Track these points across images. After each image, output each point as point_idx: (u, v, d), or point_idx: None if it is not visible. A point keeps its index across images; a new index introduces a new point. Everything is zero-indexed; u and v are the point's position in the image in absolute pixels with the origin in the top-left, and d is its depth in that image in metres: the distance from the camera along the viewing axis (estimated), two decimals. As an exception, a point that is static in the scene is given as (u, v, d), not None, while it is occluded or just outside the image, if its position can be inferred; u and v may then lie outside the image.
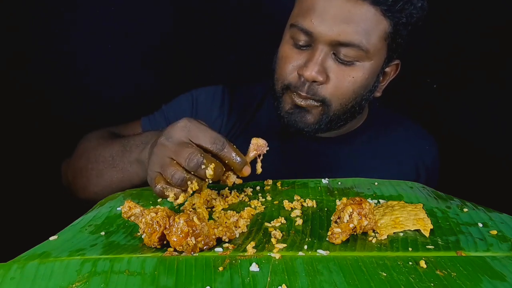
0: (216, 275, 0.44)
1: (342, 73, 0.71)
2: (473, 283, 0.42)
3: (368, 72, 0.73)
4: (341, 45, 0.69)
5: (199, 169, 0.55)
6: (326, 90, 0.72)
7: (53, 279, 0.44)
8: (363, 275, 0.44)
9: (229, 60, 1.22)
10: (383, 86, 0.81)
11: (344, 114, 0.77)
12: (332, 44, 0.69)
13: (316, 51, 0.70)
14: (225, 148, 0.57)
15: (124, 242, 0.52)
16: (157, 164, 0.58)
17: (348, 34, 0.68)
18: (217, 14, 1.22)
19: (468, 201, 0.62)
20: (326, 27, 0.68)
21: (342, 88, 0.72)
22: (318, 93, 0.72)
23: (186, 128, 0.57)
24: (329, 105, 0.74)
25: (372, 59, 0.72)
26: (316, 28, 0.69)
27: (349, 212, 0.50)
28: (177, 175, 0.56)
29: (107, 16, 1.18)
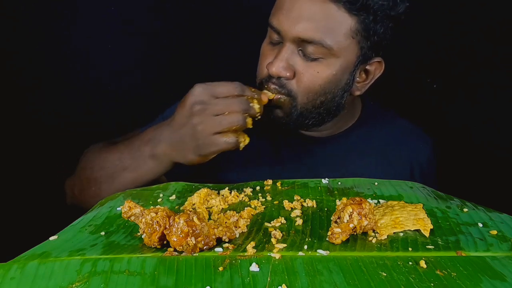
0: (216, 275, 0.44)
1: (308, 68, 0.73)
2: (473, 283, 0.42)
3: (336, 69, 0.73)
4: (305, 42, 0.71)
5: (250, 109, 0.67)
6: (292, 85, 0.74)
7: (53, 279, 0.44)
8: (363, 275, 0.44)
9: (229, 60, 1.22)
10: (367, 84, 0.81)
11: (316, 109, 0.77)
12: (296, 41, 0.72)
13: (283, 47, 0.73)
14: (245, 89, 0.67)
15: (124, 242, 0.52)
16: (209, 127, 0.65)
17: (309, 32, 0.70)
18: (217, 14, 1.22)
19: (468, 201, 0.62)
20: (289, 25, 0.71)
21: (307, 82, 0.73)
22: (284, 86, 0.74)
23: (204, 89, 0.66)
24: (295, 97, 0.75)
25: (339, 56, 0.72)
26: (282, 26, 0.72)
27: (349, 212, 0.50)
28: (237, 117, 0.65)
29: (107, 16, 1.18)
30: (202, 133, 0.65)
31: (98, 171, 0.77)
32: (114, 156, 0.76)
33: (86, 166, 0.81)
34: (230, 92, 0.65)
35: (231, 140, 0.65)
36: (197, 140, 0.66)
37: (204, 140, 0.65)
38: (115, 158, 0.76)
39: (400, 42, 0.89)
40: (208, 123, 0.65)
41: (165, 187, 0.70)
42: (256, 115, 0.68)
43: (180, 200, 0.64)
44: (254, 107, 0.67)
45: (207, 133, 0.65)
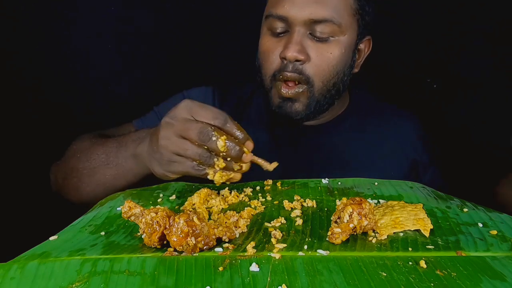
0: (216, 275, 0.44)
1: (321, 50, 0.76)
2: (473, 283, 0.42)
3: (344, 46, 0.77)
4: (316, 23, 0.74)
5: (210, 142, 0.56)
6: (309, 68, 0.76)
7: (53, 279, 0.44)
8: (363, 275, 0.44)
9: (229, 60, 1.22)
10: (360, 62, 0.86)
11: (328, 93, 0.80)
12: (307, 24, 0.75)
13: (294, 33, 0.75)
14: (227, 123, 0.58)
15: (124, 242, 0.52)
16: (171, 146, 0.59)
17: (320, 11, 0.74)
18: (217, 14, 1.22)
19: (468, 201, 0.62)
20: (298, 9, 0.74)
21: (323, 65, 0.76)
22: (303, 71, 0.76)
23: (188, 107, 0.59)
24: (312, 84, 0.77)
25: (346, 33, 0.77)
26: (290, 12, 0.74)
27: (349, 212, 0.50)
28: (196, 151, 0.57)
29: (107, 16, 1.18)
30: (165, 149, 0.60)
31: (83, 161, 0.76)
32: (101, 150, 0.75)
33: (72, 156, 0.79)
34: (208, 120, 0.58)
35: (199, 167, 0.59)
36: (161, 154, 0.61)
37: (167, 156, 0.60)
38: (102, 151, 0.74)
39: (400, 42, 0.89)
40: (171, 141, 0.59)
41: (165, 187, 0.70)
42: (221, 154, 0.57)
43: (180, 200, 0.64)
44: (217, 142, 0.56)
45: (169, 150, 0.59)
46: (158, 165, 0.63)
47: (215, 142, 0.56)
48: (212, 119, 0.58)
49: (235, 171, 0.59)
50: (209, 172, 0.59)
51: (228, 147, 0.57)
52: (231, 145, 0.57)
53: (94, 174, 0.74)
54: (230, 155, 0.57)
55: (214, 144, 0.56)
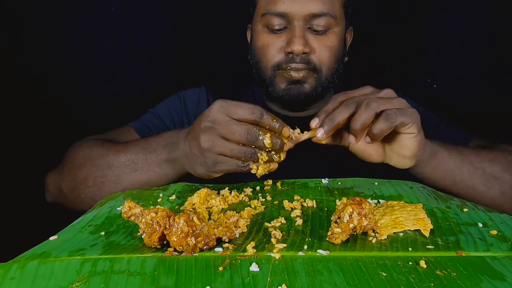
0: (216, 275, 0.44)
1: (321, 42, 0.82)
2: (473, 283, 0.42)
3: (339, 36, 0.84)
4: (314, 17, 0.79)
5: (258, 141, 0.59)
6: (315, 58, 0.82)
7: (53, 279, 0.44)
8: (363, 275, 0.44)
9: (229, 60, 1.22)
10: (346, 51, 0.91)
11: (332, 78, 0.86)
12: (307, 19, 0.79)
13: (295, 28, 0.80)
14: (264, 116, 0.60)
15: (124, 242, 0.52)
16: (216, 148, 0.61)
17: (319, 6, 0.79)
18: (217, 14, 1.22)
19: (468, 201, 0.62)
20: (298, 5, 0.79)
21: (326, 55, 0.82)
22: (309, 61, 0.82)
23: (223, 108, 0.61)
24: (319, 71, 0.83)
25: (339, 25, 0.83)
26: (290, 8, 0.79)
27: (349, 212, 0.50)
28: (242, 150, 0.60)
29: (107, 16, 1.18)
30: (209, 152, 0.62)
31: (101, 169, 0.73)
32: (124, 156, 0.73)
33: (83, 164, 0.75)
34: (246, 116, 0.60)
35: (244, 164, 0.61)
36: (205, 157, 0.63)
37: (212, 158, 0.62)
38: (126, 158, 0.73)
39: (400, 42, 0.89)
40: (214, 143, 0.61)
41: (165, 187, 0.70)
42: (266, 149, 0.60)
43: (180, 200, 0.64)
44: (264, 141, 0.59)
45: (213, 152, 0.62)
46: (202, 167, 0.65)
47: (262, 141, 0.59)
48: (249, 114, 0.60)
49: (274, 161, 0.62)
50: (253, 167, 0.62)
51: (274, 143, 0.60)
52: (276, 141, 0.60)
53: (120, 182, 0.72)
54: (275, 149, 0.61)
55: (261, 143, 0.60)
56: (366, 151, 0.68)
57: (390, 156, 0.68)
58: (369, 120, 0.61)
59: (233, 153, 0.61)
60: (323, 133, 0.62)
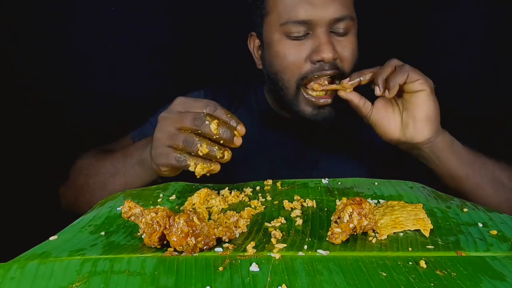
0: (216, 275, 0.44)
1: (344, 44, 0.79)
2: (473, 283, 0.42)
3: (355, 37, 0.82)
4: (337, 21, 0.77)
5: (204, 126, 0.59)
6: (340, 63, 0.79)
7: (53, 279, 0.44)
8: (363, 275, 0.44)
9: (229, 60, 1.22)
10: None
11: None
12: (330, 24, 0.77)
13: (320, 34, 0.77)
14: (217, 109, 0.60)
15: (124, 242, 0.52)
16: (164, 137, 0.62)
17: (341, 10, 0.77)
18: (217, 14, 1.22)
19: (468, 201, 0.62)
20: (322, 11, 0.76)
21: (350, 57, 0.80)
22: (337, 66, 0.79)
23: (181, 101, 0.63)
24: (344, 75, 0.79)
25: (355, 25, 0.81)
26: (314, 15, 0.76)
27: (349, 212, 0.50)
28: (187, 138, 0.59)
29: (107, 16, 1.18)
30: (158, 142, 0.62)
31: (92, 177, 0.78)
32: (108, 163, 0.77)
33: (80, 173, 0.81)
34: (201, 107, 0.61)
35: (181, 158, 0.60)
36: (156, 148, 0.63)
37: (160, 149, 0.62)
38: (109, 164, 0.77)
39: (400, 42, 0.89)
40: (163, 133, 0.62)
41: (165, 187, 0.70)
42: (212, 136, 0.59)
43: (180, 200, 0.64)
44: (210, 126, 0.58)
45: (161, 143, 0.62)
46: (153, 160, 0.65)
47: (208, 126, 0.59)
48: (204, 107, 0.60)
49: (217, 158, 0.60)
50: (190, 164, 0.60)
51: (220, 130, 0.59)
52: (223, 129, 0.59)
53: (105, 187, 0.76)
54: (222, 138, 0.59)
55: (207, 128, 0.59)
56: (384, 118, 0.72)
57: (407, 123, 0.71)
58: (388, 73, 0.69)
59: (175, 141, 0.60)
60: (349, 80, 0.72)
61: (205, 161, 0.60)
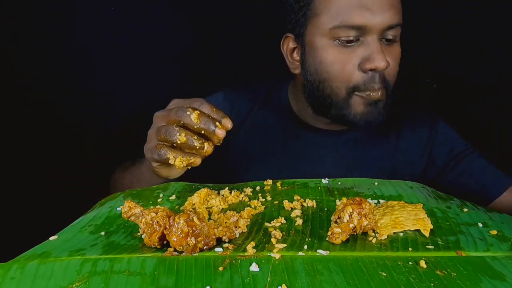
0: (216, 275, 0.44)
1: (392, 53, 0.77)
2: (473, 283, 0.42)
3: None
4: (389, 28, 0.74)
5: (185, 116, 0.60)
6: (387, 73, 0.76)
7: (53, 279, 0.44)
8: (363, 275, 0.44)
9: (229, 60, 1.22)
10: None
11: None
12: (382, 31, 0.73)
13: (373, 41, 0.74)
14: (203, 104, 0.62)
15: (124, 242, 0.52)
16: (153, 133, 0.64)
17: (396, 16, 0.74)
18: (217, 14, 1.22)
19: (468, 201, 0.62)
20: (378, 17, 0.72)
21: (396, 67, 0.78)
22: (384, 77, 0.76)
23: (174, 102, 0.65)
24: (389, 88, 0.77)
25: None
26: (369, 21, 0.72)
27: (349, 212, 0.50)
28: (169, 129, 0.60)
29: (107, 16, 1.18)
30: (149, 138, 0.65)
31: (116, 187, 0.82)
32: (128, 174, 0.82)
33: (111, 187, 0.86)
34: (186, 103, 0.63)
35: (161, 151, 0.61)
36: (146, 144, 0.65)
37: (148, 145, 0.65)
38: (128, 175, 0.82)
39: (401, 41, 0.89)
40: (154, 129, 0.64)
41: (165, 187, 0.70)
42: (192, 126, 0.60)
43: (180, 200, 0.64)
44: (190, 116, 0.59)
45: (151, 138, 0.64)
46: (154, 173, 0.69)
47: (189, 116, 0.60)
48: (190, 103, 0.62)
49: (196, 149, 0.60)
50: (170, 157, 0.60)
51: (202, 120, 0.60)
52: (204, 119, 0.60)
53: None
54: (203, 128, 0.60)
55: (188, 118, 0.60)
56: None
57: None
58: None
59: (160, 134, 0.61)
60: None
61: (185, 154, 0.61)
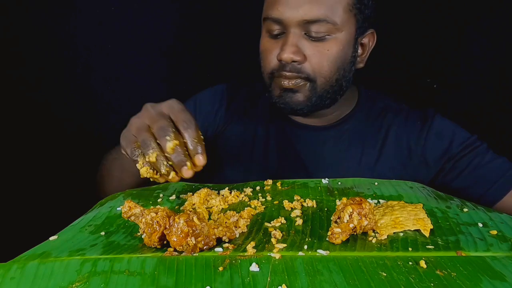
0: (216, 275, 0.44)
1: (317, 48, 0.76)
2: (473, 283, 0.42)
3: (342, 43, 0.77)
4: (310, 23, 0.74)
5: (163, 139, 0.56)
6: (307, 68, 0.77)
7: (53, 279, 0.44)
8: (363, 275, 0.44)
9: (229, 60, 1.22)
10: (365, 57, 0.85)
11: (332, 88, 0.80)
12: (301, 25, 0.75)
13: (289, 34, 0.76)
14: (190, 130, 0.58)
15: (124, 242, 0.52)
16: (135, 125, 0.60)
17: (314, 11, 0.73)
18: (217, 15, 1.22)
19: (468, 201, 0.62)
20: (292, 11, 0.74)
21: (321, 63, 0.77)
22: (301, 70, 0.77)
23: (171, 105, 0.60)
24: (314, 81, 0.78)
25: (342, 30, 0.76)
26: (284, 14, 0.75)
27: (349, 212, 0.50)
28: (146, 140, 0.57)
29: (108, 16, 1.18)
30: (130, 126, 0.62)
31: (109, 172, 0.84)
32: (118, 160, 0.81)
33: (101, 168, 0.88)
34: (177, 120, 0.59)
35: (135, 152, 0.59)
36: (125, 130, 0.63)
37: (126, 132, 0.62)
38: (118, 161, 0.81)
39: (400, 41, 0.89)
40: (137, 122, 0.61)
41: (165, 187, 0.70)
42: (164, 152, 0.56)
43: (180, 200, 0.64)
44: (167, 143, 0.55)
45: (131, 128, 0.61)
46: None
47: (166, 142, 0.56)
48: (182, 121, 0.58)
49: (161, 173, 0.57)
50: (139, 161, 0.58)
51: (175, 153, 0.56)
52: (178, 153, 0.56)
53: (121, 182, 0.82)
54: (172, 160, 0.56)
55: (164, 142, 0.56)
56: None
57: None
58: None
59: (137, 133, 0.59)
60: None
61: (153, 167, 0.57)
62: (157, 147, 0.57)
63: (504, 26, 1.09)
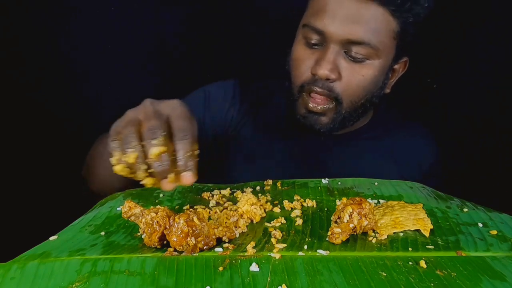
0: (216, 275, 0.44)
1: (353, 70, 0.74)
2: (473, 283, 0.42)
3: (378, 69, 0.75)
4: (352, 44, 0.72)
5: (149, 142, 0.48)
6: (338, 87, 0.74)
7: (53, 279, 0.44)
8: (363, 275, 0.44)
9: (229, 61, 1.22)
10: (392, 82, 0.83)
11: (356, 111, 0.79)
12: (343, 43, 0.72)
13: (328, 49, 0.73)
14: (185, 140, 0.49)
15: (124, 242, 0.52)
16: (126, 118, 0.53)
17: (359, 33, 0.71)
18: (217, 14, 1.22)
19: (468, 201, 0.62)
20: (337, 27, 0.71)
21: (353, 86, 0.75)
22: (332, 89, 0.74)
23: (175, 106, 0.53)
24: (341, 102, 0.76)
25: (381, 57, 0.74)
26: (327, 28, 0.71)
27: (349, 212, 0.50)
28: (129, 136, 0.49)
29: (108, 16, 1.18)
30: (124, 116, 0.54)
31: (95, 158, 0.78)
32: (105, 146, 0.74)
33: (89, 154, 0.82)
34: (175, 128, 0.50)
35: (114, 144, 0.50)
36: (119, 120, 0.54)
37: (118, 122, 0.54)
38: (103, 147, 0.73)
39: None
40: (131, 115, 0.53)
41: (165, 187, 0.70)
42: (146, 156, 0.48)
43: (180, 200, 0.64)
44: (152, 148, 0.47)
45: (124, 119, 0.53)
46: None
47: (151, 146, 0.48)
48: (178, 130, 0.50)
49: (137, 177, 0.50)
50: (116, 156, 0.49)
51: (158, 162, 0.47)
52: (162, 163, 0.47)
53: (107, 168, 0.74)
54: (154, 168, 0.48)
55: (149, 145, 0.48)
56: None
57: None
58: None
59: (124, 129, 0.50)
60: None
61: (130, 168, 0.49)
62: (139, 148, 0.48)
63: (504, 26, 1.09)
